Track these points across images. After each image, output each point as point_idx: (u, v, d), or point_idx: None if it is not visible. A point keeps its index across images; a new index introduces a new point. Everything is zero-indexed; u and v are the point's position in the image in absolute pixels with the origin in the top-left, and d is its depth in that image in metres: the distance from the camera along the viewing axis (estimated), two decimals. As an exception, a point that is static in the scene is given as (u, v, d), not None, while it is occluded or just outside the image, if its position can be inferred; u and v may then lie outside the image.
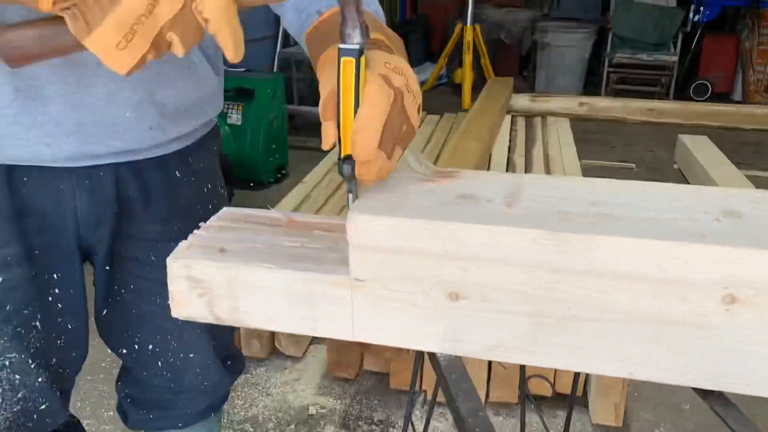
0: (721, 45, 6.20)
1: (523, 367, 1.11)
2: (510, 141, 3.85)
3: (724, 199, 0.73)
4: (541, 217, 0.68)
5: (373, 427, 2.13)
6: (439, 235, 0.67)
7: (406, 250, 0.68)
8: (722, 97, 6.20)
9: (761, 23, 5.86)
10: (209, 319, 0.75)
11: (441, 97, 6.33)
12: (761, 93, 5.95)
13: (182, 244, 0.76)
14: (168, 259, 0.73)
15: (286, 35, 5.00)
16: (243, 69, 4.16)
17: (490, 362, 2.22)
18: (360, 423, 2.15)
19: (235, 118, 3.95)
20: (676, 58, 6.01)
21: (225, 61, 0.94)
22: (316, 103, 0.74)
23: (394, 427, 2.13)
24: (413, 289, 0.70)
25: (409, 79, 0.69)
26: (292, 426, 2.14)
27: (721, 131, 4.56)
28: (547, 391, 2.21)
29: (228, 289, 0.73)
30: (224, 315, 0.74)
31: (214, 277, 0.73)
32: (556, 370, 2.21)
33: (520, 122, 4.25)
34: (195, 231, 0.79)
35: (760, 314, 0.65)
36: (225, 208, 0.85)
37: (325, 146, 0.70)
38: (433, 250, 0.68)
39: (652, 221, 0.68)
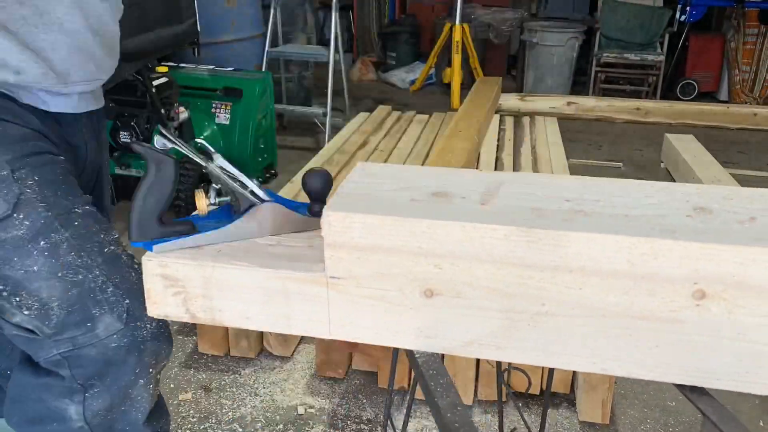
0: (707, 45, 6.23)
1: (499, 363, 1.12)
2: (498, 140, 3.85)
3: (696, 196, 0.74)
4: (514, 214, 0.69)
5: (362, 426, 2.13)
6: (414, 232, 0.67)
7: (381, 247, 0.69)
8: (708, 96, 6.22)
9: (746, 23, 5.90)
10: (185, 318, 0.75)
11: (430, 97, 6.33)
12: (746, 93, 5.98)
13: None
14: (143, 258, 0.73)
15: (274, 34, 4.98)
16: (231, 68, 4.15)
17: (478, 360, 2.23)
18: (348, 422, 2.15)
19: (222, 117, 3.94)
20: (662, 58, 6.03)
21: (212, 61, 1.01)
22: (304, 103, 0.77)
23: (383, 426, 2.13)
24: (388, 287, 0.70)
25: None
26: (281, 426, 2.13)
27: (707, 130, 4.58)
28: (535, 389, 2.22)
29: (203, 288, 0.73)
30: (200, 313, 0.74)
31: (189, 276, 0.73)
32: (544, 368, 2.22)
33: (509, 121, 4.26)
34: (171, 230, 0.79)
35: (729, 309, 0.66)
36: (203, 208, 0.85)
37: None
38: (407, 247, 0.68)
39: (624, 217, 0.68)
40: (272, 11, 4.86)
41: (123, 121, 3.41)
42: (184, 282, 0.73)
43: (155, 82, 3.38)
